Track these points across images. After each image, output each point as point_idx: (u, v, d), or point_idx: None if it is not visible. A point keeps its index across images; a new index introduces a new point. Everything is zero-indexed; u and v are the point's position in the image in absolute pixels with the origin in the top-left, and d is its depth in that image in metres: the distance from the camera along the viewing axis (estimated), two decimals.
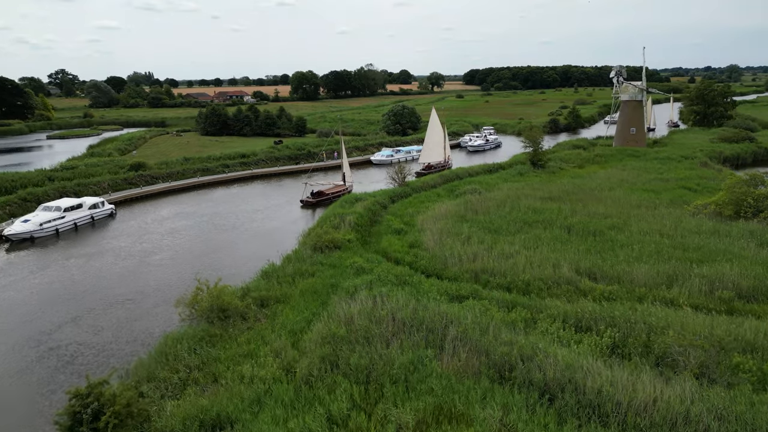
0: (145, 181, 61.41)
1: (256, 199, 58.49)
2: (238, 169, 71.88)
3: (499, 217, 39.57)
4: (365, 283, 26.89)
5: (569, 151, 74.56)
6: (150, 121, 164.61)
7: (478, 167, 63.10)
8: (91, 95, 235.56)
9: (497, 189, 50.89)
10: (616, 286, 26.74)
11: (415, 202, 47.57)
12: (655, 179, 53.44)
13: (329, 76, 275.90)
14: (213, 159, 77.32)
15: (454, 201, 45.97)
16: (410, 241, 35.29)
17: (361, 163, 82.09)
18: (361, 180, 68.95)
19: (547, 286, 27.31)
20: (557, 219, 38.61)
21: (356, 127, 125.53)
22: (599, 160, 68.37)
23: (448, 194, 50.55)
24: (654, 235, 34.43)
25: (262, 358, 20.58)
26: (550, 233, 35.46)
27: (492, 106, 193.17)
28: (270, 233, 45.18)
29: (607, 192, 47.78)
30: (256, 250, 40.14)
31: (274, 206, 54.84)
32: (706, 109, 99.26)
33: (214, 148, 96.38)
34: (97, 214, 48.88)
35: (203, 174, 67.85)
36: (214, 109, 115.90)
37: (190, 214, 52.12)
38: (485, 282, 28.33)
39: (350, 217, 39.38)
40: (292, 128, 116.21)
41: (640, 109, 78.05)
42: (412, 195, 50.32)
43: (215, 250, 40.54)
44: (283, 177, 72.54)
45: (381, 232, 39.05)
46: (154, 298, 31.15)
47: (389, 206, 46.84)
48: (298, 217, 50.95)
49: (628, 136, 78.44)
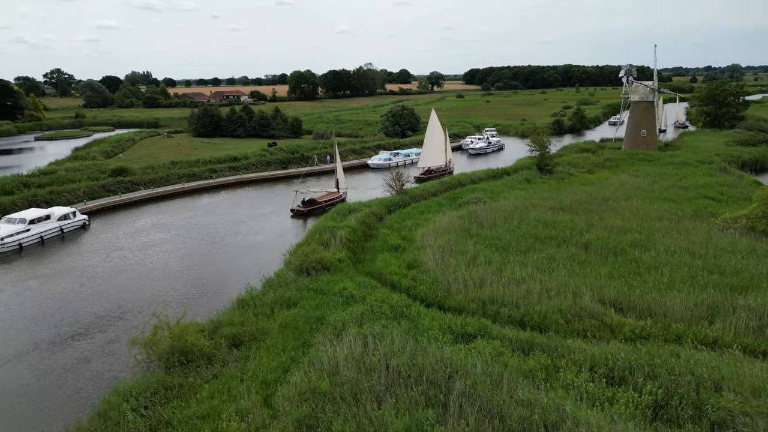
0: (124, 188, 57.35)
1: (243, 208, 54.47)
2: (226, 174, 67.92)
3: (507, 231, 35.65)
4: (355, 318, 23.01)
5: (577, 155, 70.67)
6: (143, 122, 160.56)
7: (481, 173, 59.17)
8: (85, 95, 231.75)
9: (503, 198, 47.00)
10: (648, 320, 22.85)
11: (414, 212, 43.66)
12: (673, 187, 49.53)
13: (328, 75, 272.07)
14: (201, 163, 73.38)
15: (457, 212, 42.07)
16: (408, 261, 31.39)
17: (358, 167, 78.14)
18: (357, 186, 65.02)
19: (567, 319, 23.44)
20: (572, 234, 34.73)
21: (354, 129, 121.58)
22: (609, 164, 64.48)
23: (450, 203, 46.65)
24: (683, 255, 30.55)
25: (224, 422, 16.70)
26: (565, 252, 31.58)
27: (493, 106, 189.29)
28: (254, 249, 41.22)
29: (623, 202, 43.89)
30: (236, 269, 36.21)
31: (261, 216, 50.83)
32: (717, 109, 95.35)
33: (205, 150, 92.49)
34: (67, 226, 44.89)
35: (189, 180, 63.90)
36: (206, 110, 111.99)
37: (168, 225, 48.11)
38: (495, 314, 24.45)
39: (342, 232, 35.48)
40: (288, 129, 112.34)
41: (651, 111, 74.15)
42: (411, 204, 46.43)
43: (190, 270, 36.44)
44: (275, 182, 68.56)
45: (376, 249, 35.17)
46: (111, 331, 27.17)
47: (386, 217, 42.96)
48: (287, 228, 47.00)
49: (639, 138, 74.55)
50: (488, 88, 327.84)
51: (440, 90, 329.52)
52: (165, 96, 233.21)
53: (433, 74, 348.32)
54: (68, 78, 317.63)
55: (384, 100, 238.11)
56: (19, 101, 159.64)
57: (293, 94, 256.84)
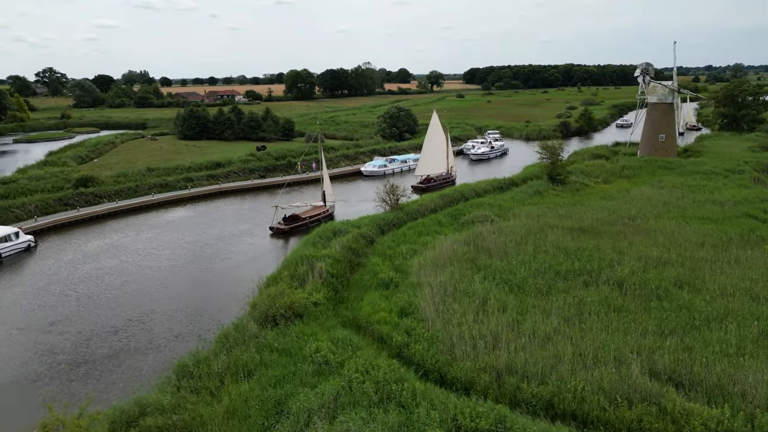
0: (85, 201, 51.12)
1: (216, 225, 48.10)
2: (204, 183, 61.68)
3: (522, 262, 29.56)
4: (326, 403, 16.97)
5: (590, 162, 64.58)
6: (131, 123, 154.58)
7: (486, 184, 52.97)
8: (76, 94, 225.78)
9: (513, 215, 40.93)
10: (726, 408, 16.77)
11: (410, 234, 37.54)
12: (706, 202, 43.45)
13: (325, 75, 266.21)
14: (180, 170, 67.32)
15: (460, 234, 35.97)
16: (402, 304, 25.30)
17: (350, 174, 71.82)
18: (348, 196, 58.83)
19: (612, 403, 17.38)
20: (600, 267, 28.64)
21: (349, 131, 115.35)
22: (627, 173, 58.39)
23: (452, 222, 40.57)
24: (744, 299, 24.51)
25: None
26: (595, 292, 25.51)
27: (494, 106, 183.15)
28: (220, 279, 35.02)
29: (652, 221, 37.81)
30: (189, 314, 29.75)
31: (234, 236, 44.44)
32: (735, 111, 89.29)
33: (188, 154, 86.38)
34: (6, 250, 38.69)
35: (161, 190, 57.63)
36: (192, 111, 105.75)
37: (124, 248, 41.71)
38: (514, 391, 18.38)
39: (322, 264, 29.39)
40: (279, 132, 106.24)
41: (670, 113, 68.06)
42: (407, 223, 40.34)
43: (128, 314, 29.73)
44: (258, 192, 62.22)
45: (363, 284, 29.12)
46: (6, 414, 21.00)
47: (377, 240, 36.87)
48: (264, 250, 40.78)
49: (657, 143, 68.47)
50: (489, 88, 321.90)
51: (440, 90, 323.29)
52: (157, 96, 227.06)
53: (432, 73, 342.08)
54: (60, 77, 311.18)
55: (382, 99, 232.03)
56: (2, 101, 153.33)
57: (290, 93, 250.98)
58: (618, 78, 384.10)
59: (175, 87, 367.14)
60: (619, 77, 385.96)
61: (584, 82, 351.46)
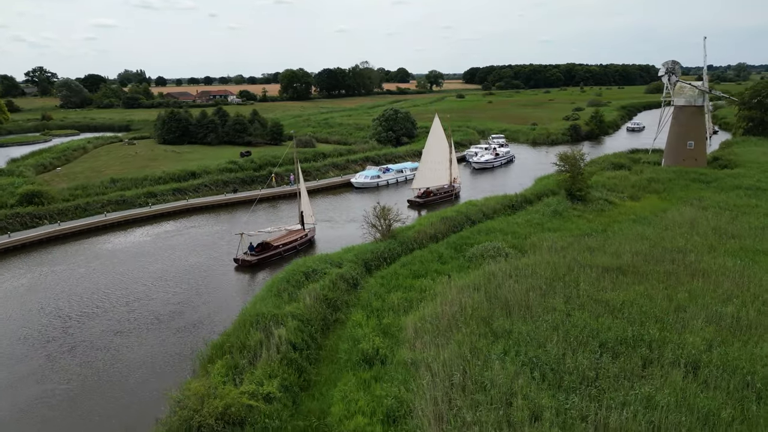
0: (21, 222, 43.26)
1: (169, 255, 39.63)
2: (169, 198, 53.72)
3: (552, 327, 21.90)
4: None
5: (611, 174, 56.91)
6: (114, 125, 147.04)
7: (495, 202, 45.20)
8: (62, 94, 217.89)
9: (531, 247, 33.30)
10: None
11: (404, 273, 29.90)
12: (765, 228, 35.79)
13: (322, 74, 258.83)
14: (149, 181, 59.68)
15: (468, 276, 28.35)
16: (389, 403, 17.69)
17: (339, 186, 63.91)
18: (333, 215, 50.81)
19: None
20: (661, 336, 21.00)
21: (343, 134, 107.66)
22: (657, 187, 50.75)
23: (456, 255, 32.93)
24: None
25: None
26: (666, 384, 17.87)
27: (496, 107, 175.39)
28: (141, 362, 24.48)
29: (708, 258, 30.13)
30: (84, 417, 21.04)
31: (188, 271, 36.22)
32: (764, 114, 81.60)
33: (164, 161, 78.69)
34: None
35: (117, 208, 49.75)
36: (173, 113, 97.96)
37: (36, 288, 33.59)
38: None
39: (282, 330, 21.73)
40: (267, 135, 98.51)
41: (699, 117, 60.37)
42: (401, 257, 32.71)
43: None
44: (234, 208, 54.19)
45: (339, 358, 21.51)
46: None
47: (362, 282, 29.24)
48: (222, 296, 32.52)
49: (684, 151, 60.83)
50: (489, 88, 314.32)
51: (439, 89, 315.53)
52: (147, 96, 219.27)
53: (432, 73, 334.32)
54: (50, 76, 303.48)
55: (380, 100, 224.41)
56: None
57: (285, 93, 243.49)
58: (620, 78, 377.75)
59: (169, 87, 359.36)
60: (622, 77, 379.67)
61: (586, 82, 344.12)
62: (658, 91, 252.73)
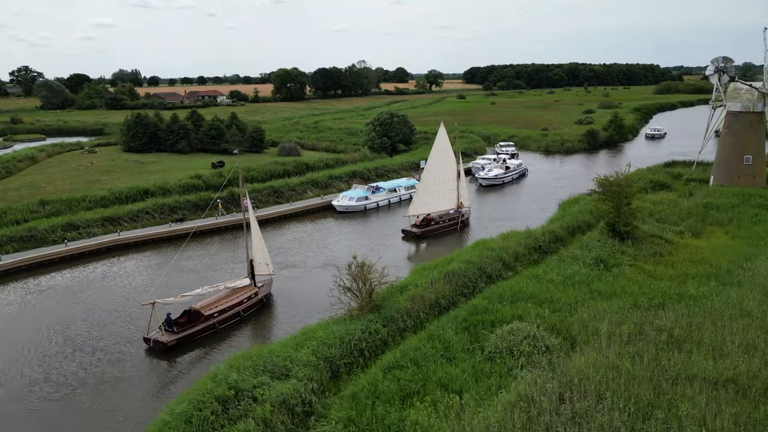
0: None
1: (59, 333, 27.68)
2: (97, 232, 42.22)
3: None
4: None
5: (654, 197, 45.94)
6: (87, 128, 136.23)
7: (515, 242, 33.68)
8: (42, 95, 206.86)
9: (581, 332, 22.26)
10: None
11: (389, 389, 18.76)
12: None
13: (317, 74, 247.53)
14: (86, 202, 48.77)
15: (491, 402, 17.30)
16: None
17: (319, 210, 52.30)
18: (302, 256, 38.87)
19: None
20: None
21: (332, 140, 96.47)
22: (718, 217, 39.82)
23: (470, 344, 21.89)
24: None
25: None
26: None
27: (499, 108, 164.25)
28: None
29: None
30: None
31: (82, 354, 25.43)
32: None
33: (121, 174, 67.77)
34: None
35: (21, 247, 38.22)
36: (139, 117, 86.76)
37: None
38: None
39: None
40: (246, 142, 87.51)
41: (760, 126, 49.43)
42: (385, 352, 21.63)
43: None
44: (176, 243, 41.22)
45: None
46: None
47: (320, 405, 18.15)
48: (121, 397, 21.74)
49: (740, 167, 49.80)
50: (490, 88, 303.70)
51: (439, 89, 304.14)
52: (132, 96, 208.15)
53: (431, 73, 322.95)
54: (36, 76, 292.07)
55: (377, 100, 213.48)
56: None
57: (278, 94, 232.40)
58: (624, 77, 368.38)
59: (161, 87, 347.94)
60: (626, 76, 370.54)
61: (590, 82, 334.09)
62: (668, 91, 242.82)
